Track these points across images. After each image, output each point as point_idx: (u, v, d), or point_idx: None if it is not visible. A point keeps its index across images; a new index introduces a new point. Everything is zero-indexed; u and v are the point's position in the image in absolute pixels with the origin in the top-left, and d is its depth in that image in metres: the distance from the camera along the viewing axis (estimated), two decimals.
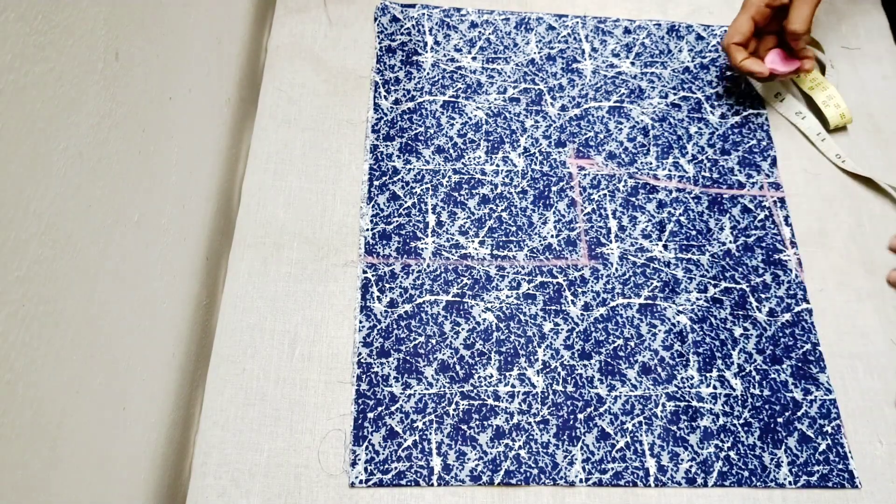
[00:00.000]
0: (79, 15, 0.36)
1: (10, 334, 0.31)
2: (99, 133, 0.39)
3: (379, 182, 0.64)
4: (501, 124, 0.68)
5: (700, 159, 0.68)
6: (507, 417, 0.55)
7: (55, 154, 0.35)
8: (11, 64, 0.30)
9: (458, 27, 0.73)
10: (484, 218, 0.63)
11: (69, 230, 0.36)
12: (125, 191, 0.43)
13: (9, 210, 0.31)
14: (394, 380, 0.56)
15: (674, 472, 0.54)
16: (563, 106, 0.70)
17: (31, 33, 0.32)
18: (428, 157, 0.66)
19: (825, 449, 0.56)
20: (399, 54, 0.71)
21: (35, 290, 0.33)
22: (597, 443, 0.55)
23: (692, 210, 0.65)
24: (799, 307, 0.62)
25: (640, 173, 0.67)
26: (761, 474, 0.54)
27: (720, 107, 0.71)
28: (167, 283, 0.52)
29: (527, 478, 0.53)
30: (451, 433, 0.54)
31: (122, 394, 0.45)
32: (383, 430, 0.54)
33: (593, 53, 0.73)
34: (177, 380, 0.55)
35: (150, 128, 0.47)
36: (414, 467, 0.53)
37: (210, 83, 0.60)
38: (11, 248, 0.31)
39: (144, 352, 0.48)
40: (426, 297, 0.59)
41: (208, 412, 0.54)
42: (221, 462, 0.52)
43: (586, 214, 0.65)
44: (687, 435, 0.56)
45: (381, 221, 0.62)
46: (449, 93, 0.69)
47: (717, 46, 0.75)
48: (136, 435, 0.48)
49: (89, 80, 0.38)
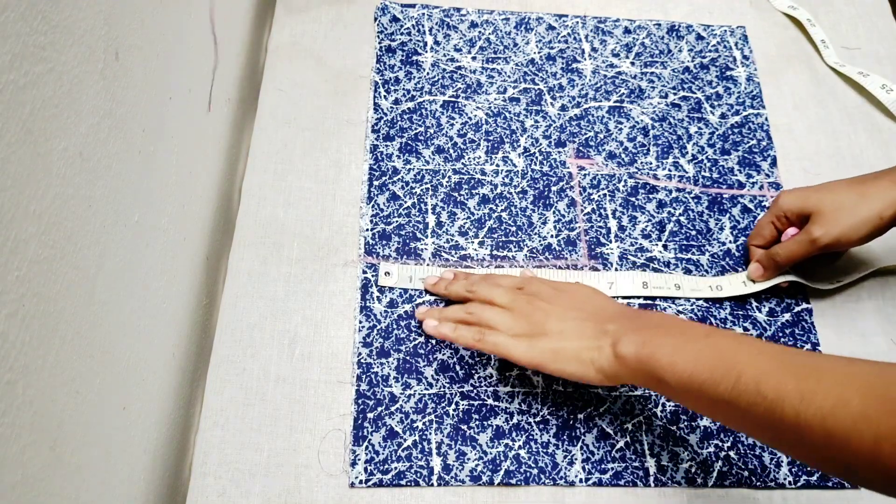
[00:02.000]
0: (79, 15, 0.36)
1: (10, 334, 0.31)
2: (99, 133, 0.39)
3: (379, 182, 0.64)
4: (501, 124, 0.68)
5: (700, 159, 0.68)
6: (507, 417, 0.55)
7: (55, 154, 0.35)
8: (11, 64, 0.30)
9: (458, 27, 0.73)
10: (484, 218, 0.63)
11: (69, 230, 0.36)
12: (125, 191, 0.43)
13: (9, 210, 0.31)
14: (394, 380, 0.56)
15: (674, 472, 0.54)
16: (563, 106, 0.70)
17: (31, 33, 0.32)
18: (428, 157, 0.66)
19: None
20: (399, 54, 0.71)
21: (35, 290, 0.33)
22: (597, 443, 0.55)
23: (692, 210, 0.65)
24: (799, 307, 0.62)
25: (640, 173, 0.67)
26: (761, 474, 0.54)
27: (720, 107, 0.71)
28: (167, 283, 0.52)
29: (527, 478, 0.53)
30: (450, 433, 0.54)
31: (122, 394, 0.45)
32: (383, 430, 0.54)
33: (593, 53, 0.73)
34: (177, 380, 0.55)
35: (150, 128, 0.47)
36: (414, 467, 0.53)
37: (210, 83, 0.60)
38: (11, 248, 0.31)
39: (144, 352, 0.48)
40: (426, 297, 0.59)
41: (208, 412, 0.54)
42: (221, 462, 0.52)
43: (586, 214, 0.65)
44: (687, 435, 0.56)
45: (380, 221, 0.62)
46: (449, 93, 0.69)
47: (717, 47, 0.75)
48: (136, 435, 0.48)
49: (89, 80, 0.38)
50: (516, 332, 0.51)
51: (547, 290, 0.53)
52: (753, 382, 0.41)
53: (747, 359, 0.42)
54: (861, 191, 0.56)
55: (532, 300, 0.53)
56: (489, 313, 0.53)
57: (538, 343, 0.50)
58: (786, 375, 0.40)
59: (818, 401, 0.38)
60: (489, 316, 0.53)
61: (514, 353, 0.50)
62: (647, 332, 0.47)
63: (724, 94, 0.72)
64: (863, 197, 0.55)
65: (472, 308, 0.54)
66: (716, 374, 0.43)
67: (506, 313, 0.53)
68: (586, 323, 0.50)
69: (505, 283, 0.55)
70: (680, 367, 0.44)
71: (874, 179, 0.56)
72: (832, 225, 0.56)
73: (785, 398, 0.39)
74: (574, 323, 0.50)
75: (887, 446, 0.36)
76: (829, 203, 0.56)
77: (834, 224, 0.56)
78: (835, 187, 0.58)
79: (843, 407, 0.37)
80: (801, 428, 0.39)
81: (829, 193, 0.57)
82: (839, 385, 0.38)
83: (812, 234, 0.56)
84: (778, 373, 0.40)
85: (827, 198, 0.57)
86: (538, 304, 0.52)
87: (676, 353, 0.45)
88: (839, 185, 0.58)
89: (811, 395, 0.38)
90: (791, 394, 0.39)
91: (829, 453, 0.38)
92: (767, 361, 0.41)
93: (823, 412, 0.38)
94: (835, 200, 0.56)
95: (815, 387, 0.39)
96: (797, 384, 0.39)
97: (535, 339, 0.50)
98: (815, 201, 0.57)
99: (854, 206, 0.55)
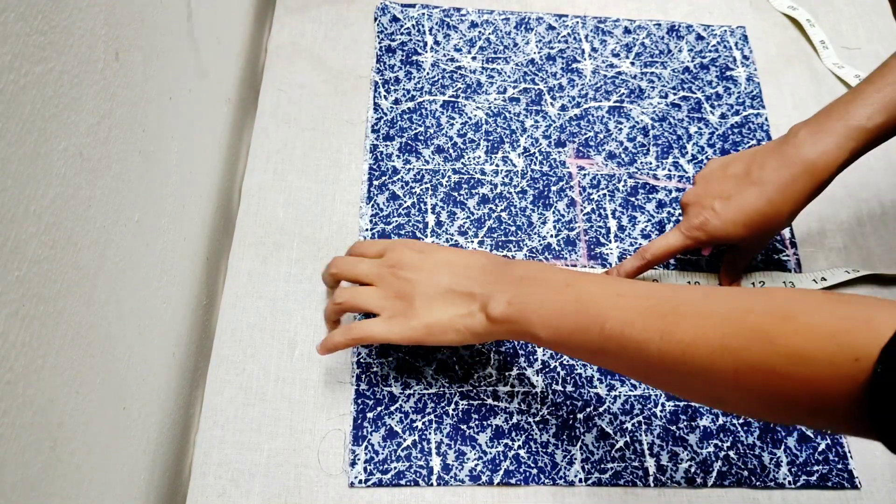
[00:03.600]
0: (79, 15, 0.36)
1: (10, 334, 0.31)
2: (99, 133, 0.39)
3: (379, 182, 0.64)
4: (501, 124, 0.68)
5: (700, 159, 0.68)
6: (507, 417, 0.55)
7: (55, 154, 0.35)
8: (11, 64, 0.30)
9: (458, 27, 0.73)
10: (483, 218, 0.63)
11: (69, 230, 0.37)
12: (125, 191, 0.43)
13: (9, 210, 0.31)
14: (393, 379, 0.56)
15: (673, 472, 0.54)
16: (563, 106, 0.70)
17: (31, 33, 0.32)
18: (428, 157, 0.66)
19: (825, 449, 0.56)
20: (399, 54, 0.71)
21: (35, 290, 0.33)
22: (596, 442, 0.55)
23: None
24: None
25: (640, 173, 0.67)
26: (761, 474, 0.54)
27: (720, 107, 0.71)
28: (167, 283, 0.52)
29: (526, 478, 0.53)
30: (450, 433, 0.54)
31: (122, 394, 0.45)
32: (383, 429, 0.54)
33: (593, 53, 0.73)
34: (177, 380, 0.55)
35: (150, 128, 0.47)
36: (413, 467, 0.53)
37: (210, 83, 0.60)
38: (11, 248, 0.31)
39: (144, 352, 0.48)
40: None
41: (208, 412, 0.54)
42: (221, 462, 0.52)
43: (586, 214, 0.65)
44: (686, 434, 0.56)
45: (380, 221, 0.62)
46: (449, 93, 0.69)
47: (717, 47, 0.75)
48: (136, 435, 0.48)
49: (89, 80, 0.38)
50: (387, 310, 0.51)
51: (410, 255, 0.52)
52: (619, 327, 0.42)
53: (610, 304, 0.43)
54: (748, 180, 0.55)
55: (396, 271, 0.51)
56: (355, 297, 0.52)
57: (410, 321, 0.50)
58: (648, 317, 0.41)
59: (678, 336, 0.40)
60: (355, 299, 0.52)
61: (389, 337, 0.50)
62: (511, 288, 0.47)
63: (724, 95, 0.72)
64: (745, 186, 0.55)
65: (339, 296, 0.53)
66: (581, 324, 0.44)
67: (372, 291, 0.52)
68: (453, 289, 0.49)
69: (369, 251, 0.54)
70: (547, 320, 0.45)
71: (759, 169, 0.55)
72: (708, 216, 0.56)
73: (650, 338, 0.41)
74: (441, 291, 0.50)
75: (745, 371, 0.37)
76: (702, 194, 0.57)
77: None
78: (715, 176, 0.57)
79: (702, 340, 0.39)
80: (665, 363, 0.40)
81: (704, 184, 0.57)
82: (698, 318, 0.40)
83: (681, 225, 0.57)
84: (640, 316, 0.42)
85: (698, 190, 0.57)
86: (403, 275, 0.51)
87: (543, 307, 0.46)
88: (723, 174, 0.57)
89: (671, 332, 0.40)
90: (654, 333, 0.41)
91: (695, 384, 0.41)
92: (630, 305, 0.43)
93: (683, 346, 0.40)
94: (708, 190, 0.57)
95: (674, 323, 0.40)
96: (658, 323, 0.41)
97: (406, 316, 0.50)
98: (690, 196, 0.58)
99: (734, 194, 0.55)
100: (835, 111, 0.54)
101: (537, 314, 0.46)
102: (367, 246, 0.55)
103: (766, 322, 0.37)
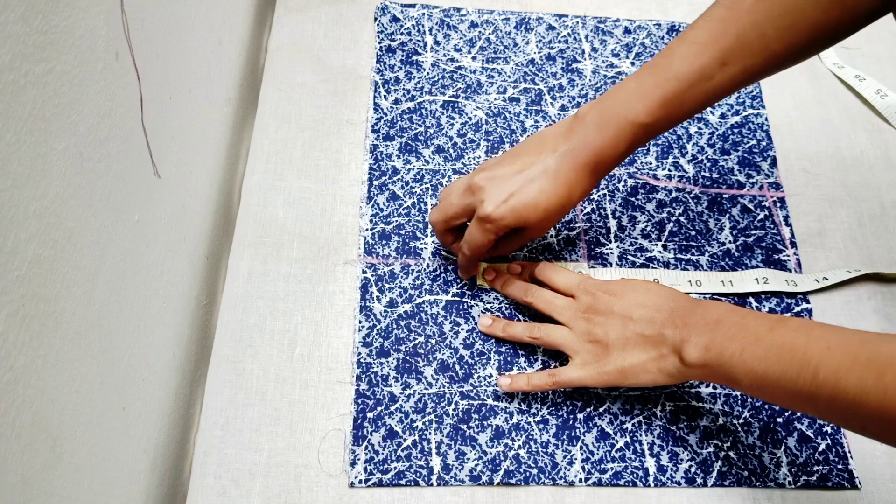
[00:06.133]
0: (79, 15, 0.36)
1: (10, 334, 0.31)
2: (99, 133, 0.39)
3: (379, 182, 0.64)
4: (501, 124, 0.68)
5: (700, 159, 0.68)
6: (507, 417, 0.55)
7: (55, 154, 0.35)
8: (11, 64, 0.30)
9: (458, 27, 0.73)
10: None
11: (69, 230, 0.37)
12: (125, 191, 0.43)
13: (9, 210, 0.31)
14: (393, 380, 0.56)
15: (673, 472, 0.54)
16: (563, 106, 0.70)
17: (31, 33, 0.32)
18: (428, 157, 0.66)
19: (825, 449, 0.56)
20: (399, 54, 0.71)
21: (35, 290, 0.33)
22: (596, 442, 0.55)
23: (692, 210, 0.65)
24: (799, 307, 0.62)
25: (640, 173, 0.67)
26: (761, 474, 0.54)
27: (720, 107, 0.71)
28: (167, 283, 0.52)
29: (526, 478, 0.53)
30: (450, 433, 0.54)
31: (122, 394, 0.45)
32: (383, 429, 0.54)
33: (593, 53, 0.73)
34: (177, 380, 0.55)
35: (150, 128, 0.47)
36: (413, 467, 0.53)
37: (210, 83, 0.60)
38: (11, 248, 0.31)
39: (144, 352, 0.48)
40: (426, 296, 0.59)
41: (208, 412, 0.54)
42: (221, 462, 0.52)
43: (586, 214, 0.65)
44: (686, 434, 0.56)
45: (380, 221, 0.62)
46: (449, 93, 0.69)
47: None
48: (136, 435, 0.48)
49: (89, 80, 0.38)
50: (580, 355, 0.53)
51: (602, 297, 0.54)
52: (833, 378, 0.41)
53: (820, 353, 0.43)
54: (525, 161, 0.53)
55: (591, 316, 0.53)
56: (549, 334, 0.55)
57: (604, 367, 0.52)
58: (865, 370, 0.40)
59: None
60: (550, 336, 0.55)
61: (586, 384, 0.53)
62: (706, 332, 0.48)
63: None
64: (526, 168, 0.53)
65: (535, 331, 0.56)
66: (790, 371, 0.43)
67: (567, 333, 0.54)
68: (645, 334, 0.51)
69: (561, 282, 0.56)
70: (751, 366, 0.45)
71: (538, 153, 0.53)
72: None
73: (868, 392, 0.40)
74: (633, 336, 0.51)
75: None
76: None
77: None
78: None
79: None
80: (887, 419, 0.40)
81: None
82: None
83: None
84: (856, 367, 0.41)
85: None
86: (596, 320, 0.53)
87: (745, 353, 0.45)
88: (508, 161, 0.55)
89: (894, 388, 0.39)
90: (873, 389, 0.40)
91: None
92: (841, 355, 0.42)
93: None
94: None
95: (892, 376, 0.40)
96: (877, 379, 0.40)
97: (600, 362, 0.52)
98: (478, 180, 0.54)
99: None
100: (619, 99, 0.52)
101: (738, 359, 0.45)
102: (560, 274, 0.57)
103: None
